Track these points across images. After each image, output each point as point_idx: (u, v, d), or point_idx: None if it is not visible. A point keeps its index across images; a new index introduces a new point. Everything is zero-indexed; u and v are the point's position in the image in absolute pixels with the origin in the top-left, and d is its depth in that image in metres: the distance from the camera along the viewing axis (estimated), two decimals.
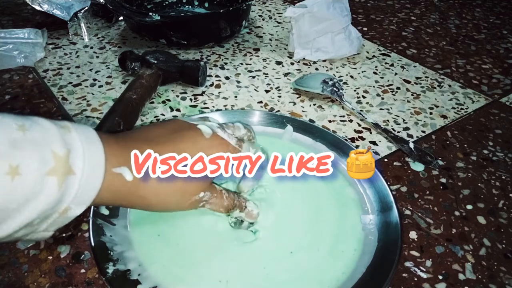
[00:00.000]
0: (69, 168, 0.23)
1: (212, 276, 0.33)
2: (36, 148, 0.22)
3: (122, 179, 0.27)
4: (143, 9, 0.78)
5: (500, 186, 0.45)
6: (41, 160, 0.22)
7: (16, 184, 0.21)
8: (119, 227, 0.36)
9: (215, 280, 0.32)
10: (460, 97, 0.62)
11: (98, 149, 0.25)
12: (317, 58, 0.68)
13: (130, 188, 0.28)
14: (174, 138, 0.32)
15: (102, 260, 0.32)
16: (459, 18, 0.91)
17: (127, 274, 0.32)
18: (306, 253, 0.35)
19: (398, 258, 0.34)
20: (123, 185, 0.28)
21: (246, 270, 0.33)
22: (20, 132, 0.22)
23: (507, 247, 0.38)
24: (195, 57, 0.68)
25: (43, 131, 0.23)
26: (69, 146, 0.23)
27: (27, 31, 0.65)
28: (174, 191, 0.31)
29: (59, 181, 0.22)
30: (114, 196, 0.28)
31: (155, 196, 0.30)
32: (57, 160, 0.22)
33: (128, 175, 0.28)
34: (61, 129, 0.24)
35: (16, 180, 0.21)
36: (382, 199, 0.40)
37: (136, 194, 0.29)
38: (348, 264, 0.34)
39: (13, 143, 0.21)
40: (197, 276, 0.33)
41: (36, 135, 0.22)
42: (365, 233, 0.37)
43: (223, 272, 0.33)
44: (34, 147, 0.22)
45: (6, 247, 0.36)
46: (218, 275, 0.33)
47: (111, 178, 0.26)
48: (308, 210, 0.39)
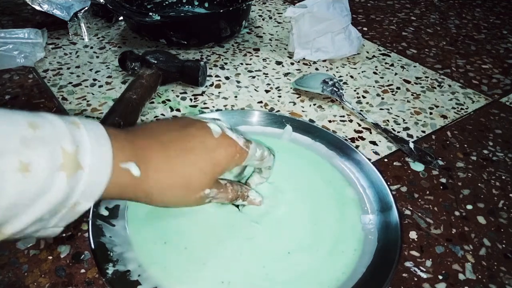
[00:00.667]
0: (77, 164, 0.24)
1: (214, 277, 0.33)
2: (46, 145, 0.22)
3: (129, 174, 0.28)
4: (143, 9, 0.78)
5: (500, 186, 0.45)
6: (51, 157, 0.22)
7: (27, 181, 0.21)
8: (119, 228, 0.36)
9: (217, 281, 0.32)
10: (460, 97, 0.62)
11: (106, 146, 0.26)
12: (317, 58, 0.68)
13: (137, 184, 0.29)
14: (183, 136, 0.32)
15: (102, 261, 0.32)
16: (459, 18, 0.91)
17: (127, 275, 0.32)
18: (306, 253, 0.35)
19: (398, 258, 0.34)
20: (130, 181, 0.28)
21: (248, 271, 0.33)
22: (31, 130, 0.22)
23: (507, 247, 0.38)
24: (195, 57, 0.68)
25: (53, 128, 0.23)
26: (77, 142, 0.24)
27: (27, 31, 0.65)
28: (180, 188, 0.31)
29: (68, 176, 0.23)
30: (121, 191, 0.28)
31: (160, 192, 0.30)
32: (66, 156, 0.23)
33: (135, 171, 0.28)
34: (70, 125, 0.24)
35: (27, 177, 0.21)
36: (381, 199, 0.40)
37: (142, 189, 0.29)
38: (348, 264, 0.34)
39: (24, 141, 0.21)
40: (198, 277, 0.33)
41: (46, 133, 0.23)
42: (365, 233, 0.37)
43: (225, 273, 0.33)
44: (44, 145, 0.22)
45: (6, 247, 0.36)
46: (220, 276, 0.33)
47: (118, 174, 0.27)
48: (308, 210, 0.39)
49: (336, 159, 0.45)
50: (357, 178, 0.43)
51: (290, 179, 0.42)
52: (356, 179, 0.43)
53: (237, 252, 0.35)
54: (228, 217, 0.38)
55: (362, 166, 0.43)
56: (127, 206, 0.38)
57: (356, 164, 0.44)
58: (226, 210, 0.38)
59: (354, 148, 0.45)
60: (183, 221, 0.37)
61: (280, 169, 0.41)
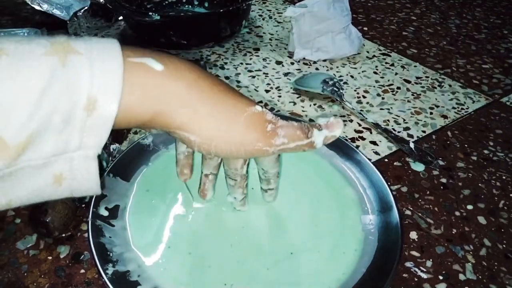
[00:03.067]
0: (70, 48, 0.20)
1: (216, 280, 0.32)
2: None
3: (149, 68, 0.23)
4: (143, 9, 0.78)
5: (500, 186, 0.45)
6: (42, 46, 0.19)
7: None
8: (118, 228, 0.36)
9: (220, 283, 0.32)
10: (461, 97, 0.61)
11: (107, 42, 0.22)
12: (317, 58, 0.68)
13: (166, 83, 0.23)
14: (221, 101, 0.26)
15: (102, 261, 0.32)
16: (460, 18, 0.91)
17: (127, 275, 0.32)
18: (309, 254, 0.35)
19: (399, 258, 0.34)
20: (154, 77, 0.23)
21: (251, 273, 0.33)
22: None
23: (507, 247, 0.38)
24: (195, 57, 0.68)
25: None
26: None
27: (27, 30, 0.65)
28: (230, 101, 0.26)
29: (60, 60, 0.19)
30: (147, 94, 0.23)
31: (203, 104, 0.24)
32: (54, 44, 0.20)
33: (157, 65, 0.23)
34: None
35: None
36: (382, 199, 0.40)
37: (177, 95, 0.23)
38: (349, 265, 0.34)
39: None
40: (200, 279, 0.33)
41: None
42: (365, 233, 0.37)
43: (228, 276, 0.33)
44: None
45: (6, 247, 0.36)
46: (223, 278, 0.33)
47: (133, 67, 0.22)
48: (309, 211, 0.39)
49: (336, 159, 0.45)
50: (357, 178, 0.43)
51: (289, 179, 0.42)
52: (356, 179, 0.42)
53: (241, 255, 0.35)
54: (231, 220, 0.38)
55: (362, 166, 0.43)
56: (127, 207, 0.38)
57: (356, 164, 0.44)
58: (230, 213, 0.38)
59: (354, 148, 0.45)
60: (186, 222, 0.37)
61: (279, 170, 0.41)
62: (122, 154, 0.41)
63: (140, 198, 0.39)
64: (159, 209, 0.38)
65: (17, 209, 0.39)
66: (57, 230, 0.35)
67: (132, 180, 0.40)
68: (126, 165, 0.41)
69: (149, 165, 0.42)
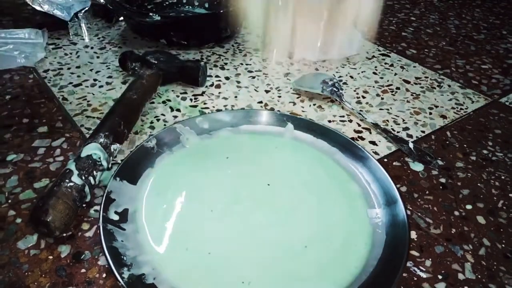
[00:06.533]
0: None
1: (234, 278, 0.32)
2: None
3: None
4: (144, 9, 0.78)
5: (499, 186, 0.46)
6: None
7: None
8: (130, 232, 0.36)
9: (237, 281, 0.32)
10: (460, 97, 0.62)
11: None
12: (316, 59, 0.68)
13: None
14: None
15: (117, 265, 0.32)
16: (459, 19, 0.91)
17: (143, 278, 0.32)
18: (322, 247, 0.35)
19: (408, 251, 0.34)
20: None
21: (268, 269, 0.33)
22: None
23: (506, 247, 0.39)
24: (195, 57, 0.68)
25: None
26: None
27: (28, 31, 0.65)
28: None
29: None
30: None
31: None
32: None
33: None
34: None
35: None
36: (387, 193, 0.40)
37: None
38: (360, 258, 0.35)
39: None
40: (218, 278, 0.33)
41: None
42: (373, 227, 0.37)
43: (246, 273, 0.33)
44: None
45: (6, 246, 0.36)
46: (241, 276, 0.33)
47: None
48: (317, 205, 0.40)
49: (339, 155, 0.45)
50: (361, 173, 0.43)
51: (296, 175, 0.43)
52: (360, 174, 0.43)
53: (257, 251, 0.35)
54: (244, 219, 0.38)
55: (366, 161, 0.44)
56: (136, 210, 0.38)
57: (359, 160, 0.44)
58: (242, 213, 0.38)
59: (357, 144, 0.46)
60: (199, 222, 0.37)
61: (285, 166, 0.41)
62: (127, 158, 0.41)
63: (150, 200, 0.39)
64: (170, 211, 0.38)
65: (18, 209, 0.39)
66: (58, 229, 0.35)
67: (139, 183, 0.41)
68: (131, 168, 0.41)
69: (155, 168, 0.43)
